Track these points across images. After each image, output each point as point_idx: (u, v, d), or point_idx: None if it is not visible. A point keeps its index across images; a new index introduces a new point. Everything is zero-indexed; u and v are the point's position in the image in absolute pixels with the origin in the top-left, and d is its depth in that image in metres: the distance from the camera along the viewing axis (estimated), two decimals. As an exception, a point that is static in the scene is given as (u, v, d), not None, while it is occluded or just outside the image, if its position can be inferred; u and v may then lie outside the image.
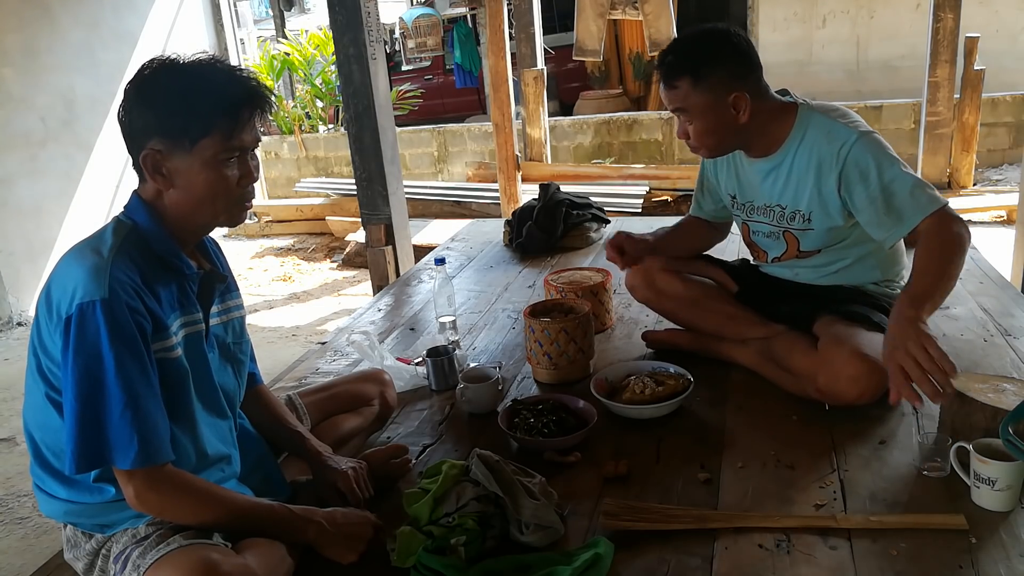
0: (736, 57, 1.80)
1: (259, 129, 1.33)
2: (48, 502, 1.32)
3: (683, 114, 1.84)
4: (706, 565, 1.34)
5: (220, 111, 1.25)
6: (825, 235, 1.89)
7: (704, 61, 1.78)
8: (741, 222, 2.09)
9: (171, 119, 1.24)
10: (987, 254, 3.09)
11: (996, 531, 1.36)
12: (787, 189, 1.90)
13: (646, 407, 1.83)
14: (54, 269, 1.25)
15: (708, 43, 1.81)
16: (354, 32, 3.64)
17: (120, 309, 1.18)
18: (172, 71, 1.26)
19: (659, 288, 2.18)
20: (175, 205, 1.30)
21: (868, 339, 1.76)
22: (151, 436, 1.19)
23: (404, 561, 1.35)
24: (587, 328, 2.12)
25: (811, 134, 1.83)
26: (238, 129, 1.27)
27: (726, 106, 1.80)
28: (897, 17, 8.45)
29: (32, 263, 5.40)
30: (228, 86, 1.27)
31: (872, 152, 1.74)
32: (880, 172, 1.73)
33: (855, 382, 1.71)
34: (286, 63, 9.25)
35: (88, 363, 1.17)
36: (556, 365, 2.11)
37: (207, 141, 1.25)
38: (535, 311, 2.20)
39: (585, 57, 5.73)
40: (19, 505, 2.91)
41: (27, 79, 5.47)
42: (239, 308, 1.50)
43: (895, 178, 1.71)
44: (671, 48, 1.85)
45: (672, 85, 1.81)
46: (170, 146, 1.25)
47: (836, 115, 1.83)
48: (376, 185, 3.88)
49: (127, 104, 1.26)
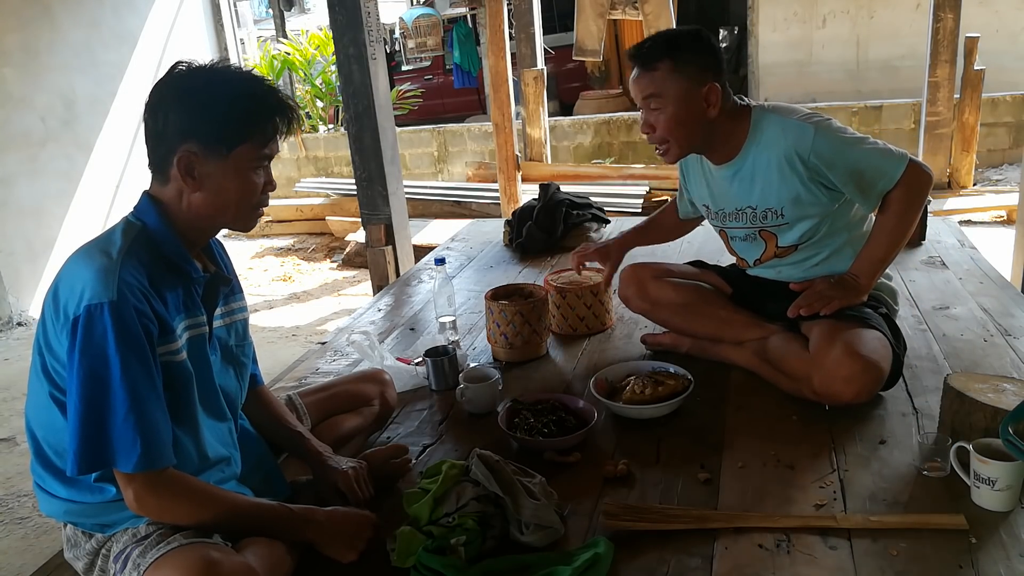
0: (710, 52, 1.86)
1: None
2: (48, 501, 1.32)
3: (655, 100, 1.85)
4: (706, 565, 1.34)
5: (258, 120, 1.29)
6: (799, 227, 1.92)
7: (685, 47, 1.84)
8: (718, 230, 2.11)
9: (212, 123, 1.26)
10: (987, 254, 3.09)
11: (996, 531, 1.36)
12: (753, 189, 1.93)
13: (646, 407, 1.83)
14: (62, 268, 1.25)
15: (686, 35, 1.88)
16: (354, 32, 3.64)
17: (128, 312, 1.18)
18: (211, 76, 1.28)
19: (652, 297, 2.20)
20: (197, 207, 1.30)
21: (859, 337, 1.77)
22: (154, 440, 1.19)
23: (404, 561, 1.35)
24: (541, 312, 2.29)
25: (767, 133, 1.87)
26: (272, 140, 1.32)
27: (700, 96, 1.84)
28: (897, 17, 8.45)
29: (32, 263, 5.40)
30: (265, 97, 1.30)
31: (830, 141, 1.81)
32: (844, 156, 1.81)
33: (850, 382, 1.72)
34: (286, 63, 9.25)
35: (94, 365, 1.17)
36: (512, 344, 2.27)
37: (243, 148, 1.29)
38: (496, 295, 2.35)
39: (585, 57, 5.73)
40: (19, 505, 2.91)
41: (27, 79, 5.47)
42: (243, 310, 1.51)
43: (858, 158, 1.81)
44: (649, 38, 1.91)
45: (651, 67, 1.84)
46: (206, 150, 1.26)
47: (786, 112, 1.89)
48: (376, 185, 3.88)
49: (159, 104, 1.27)
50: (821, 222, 1.91)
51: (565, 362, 2.30)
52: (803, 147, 1.81)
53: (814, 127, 1.81)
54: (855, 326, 1.80)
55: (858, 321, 1.82)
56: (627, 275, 2.26)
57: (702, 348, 2.18)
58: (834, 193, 1.87)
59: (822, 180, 1.84)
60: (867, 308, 1.88)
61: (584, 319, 2.48)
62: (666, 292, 2.18)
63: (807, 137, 1.80)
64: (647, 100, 1.87)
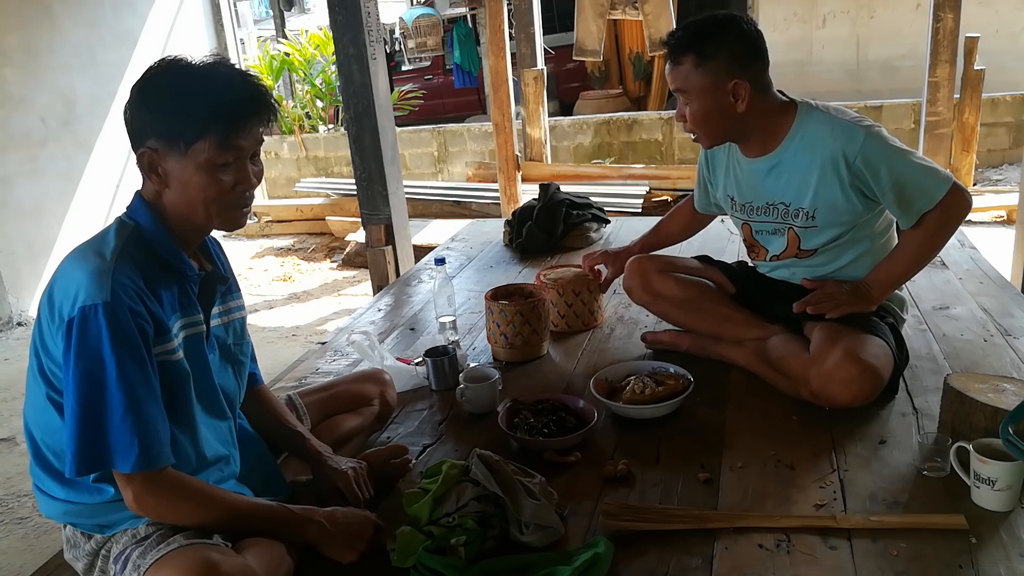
0: (742, 43, 1.80)
1: (260, 134, 1.30)
2: (47, 502, 1.32)
3: (682, 95, 1.85)
4: (706, 565, 1.34)
5: (216, 115, 1.23)
6: (827, 232, 1.89)
7: (710, 41, 1.79)
8: (741, 223, 2.08)
9: (167, 120, 1.24)
10: (987, 254, 3.09)
11: (996, 531, 1.36)
12: (789, 186, 1.89)
13: (646, 407, 1.83)
14: (56, 270, 1.25)
15: (717, 25, 1.82)
16: (354, 32, 3.64)
17: (122, 313, 1.18)
18: (173, 72, 1.26)
19: (655, 290, 2.19)
20: (172, 205, 1.29)
21: (861, 341, 1.76)
22: (151, 440, 1.19)
23: (404, 561, 1.35)
24: (541, 312, 2.29)
25: (812, 131, 1.83)
26: (233, 134, 1.25)
27: (725, 92, 1.80)
28: (897, 17, 8.45)
29: (32, 263, 5.40)
30: (227, 90, 1.25)
31: (880, 147, 1.77)
32: (891, 167, 1.77)
33: (848, 385, 1.71)
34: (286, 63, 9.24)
35: (90, 366, 1.17)
36: (512, 344, 2.27)
37: (201, 144, 1.23)
38: (496, 295, 2.35)
39: (585, 57, 5.73)
40: (19, 505, 2.91)
41: (27, 79, 5.47)
42: (240, 309, 1.50)
43: (905, 170, 1.77)
44: (682, 26, 1.86)
45: (677, 62, 1.83)
46: (166, 146, 1.25)
47: (836, 112, 1.84)
48: (376, 185, 3.88)
49: (130, 102, 1.27)
50: (848, 230, 1.89)
51: (565, 362, 2.30)
52: (851, 150, 1.77)
53: (865, 131, 1.77)
54: (859, 331, 1.80)
55: (863, 327, 1.82)
56: (632, 267, 2.24)
57: (701, 346, 2.18)
58: (871, 203, 1.84)
59: (863, 187, 1.81)
60: (874, 316, 1.87)
61: (578, 313, 2.49)
62: (669, 286, 2.17)
63: (857, 140, 1.76)
64: (676, 92, 1.87)
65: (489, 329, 2.34)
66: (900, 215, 1.83)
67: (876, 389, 1.75)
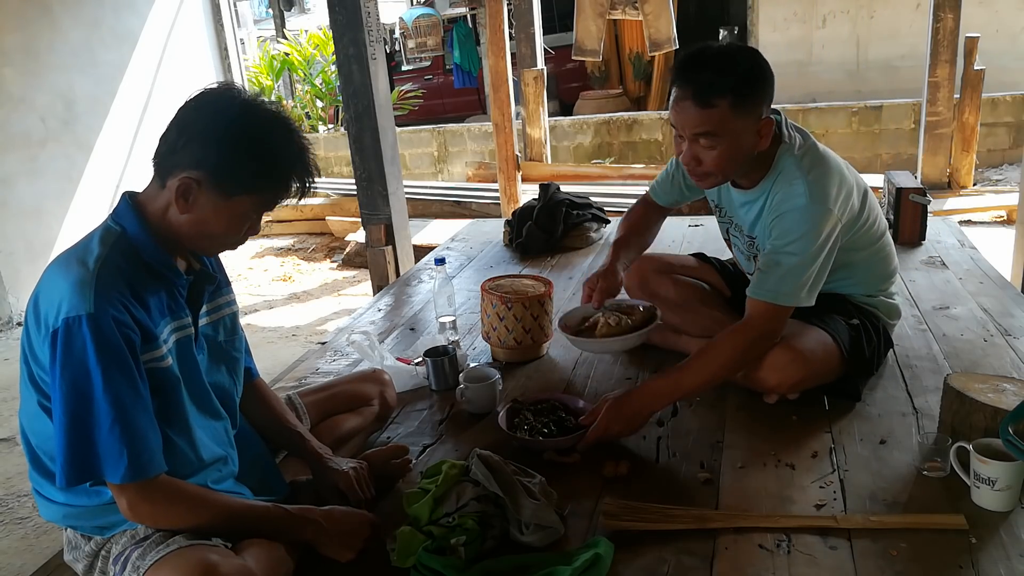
0: (769, 79, 1.67)
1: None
2: (47, 506, 1.32)
3: (709, 138, 1.65)
4: (706, 565, 1.34)
5: (273, 180, 1.28)
6: None
7: (746, 80, 1.62)
8: (724, 230, 2.09)
9: (226, 165, 1.23)
10: (987, 254, 3.10)
11: (996, 531, 1.36)
12: (757, 224, 1.86)
13: (629, 337, 1.92)
14: (42, 277, 1.24)
15: (746, 60, 1.64)
16: (354, 32, 3.64)
17: (107, 323, 1.16)
18: (244, 115, 1.25)
19: (652, 290, 2.21)
20: (177, 224, 1.28)
21: (801, 331, 1.79)
22: (141, 450, 1.19)
23: (404, 561, 1.35)
24: (541, 312, 2.25)
25: (780, 180, 1.75)
26: (280, 200, 1.30)
27: (755, 131, 1.67)
28: (897, 17, 8.45)
29: (32, 263, 5.39)
30: (294, 161, 1.28)
31: (801, 226, 1.68)
32: (787, 243, 1.69)
33: (775, 370, 1.75)
34: (286, 63, 9.25)
35: (76, 378, 1.16)
36: (512, 345, 2.25)
37: (247, 198, 1.27)
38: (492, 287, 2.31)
39: (585, 57, 5.73)
40: (19, 505, 2.91)
41: (27, 79, 5.47)
42: (230, 304, 1.49)
43: (791, 257, 1.68)
44: (701, 61, 1.62)
45: (709, 104, 1.60)
46: (212, 185, 1.24)
47: (805, 165, 1.73)
48: (376, 185, 3.88)
49: (185, 125, 1.24)
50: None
51: (565, 362, 2.30)
52: (784, 207, 1.70)
53: (806, 202, 1.67)
54: (807, 325, 1.83)
55: (819, 323, 1.84)
56: (632, 267, 2.21)
57: (664, 338, 2.22)
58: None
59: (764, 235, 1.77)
60: (837, 315, 1.89)
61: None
62: (666, 287, 2.18)
63: (796, 206, 1.69)
64: (699, 136, 1.65)
65: (483, 323, 2.31)
66: (752, 278, 1.76)
67: (804, 380, 1.79)
